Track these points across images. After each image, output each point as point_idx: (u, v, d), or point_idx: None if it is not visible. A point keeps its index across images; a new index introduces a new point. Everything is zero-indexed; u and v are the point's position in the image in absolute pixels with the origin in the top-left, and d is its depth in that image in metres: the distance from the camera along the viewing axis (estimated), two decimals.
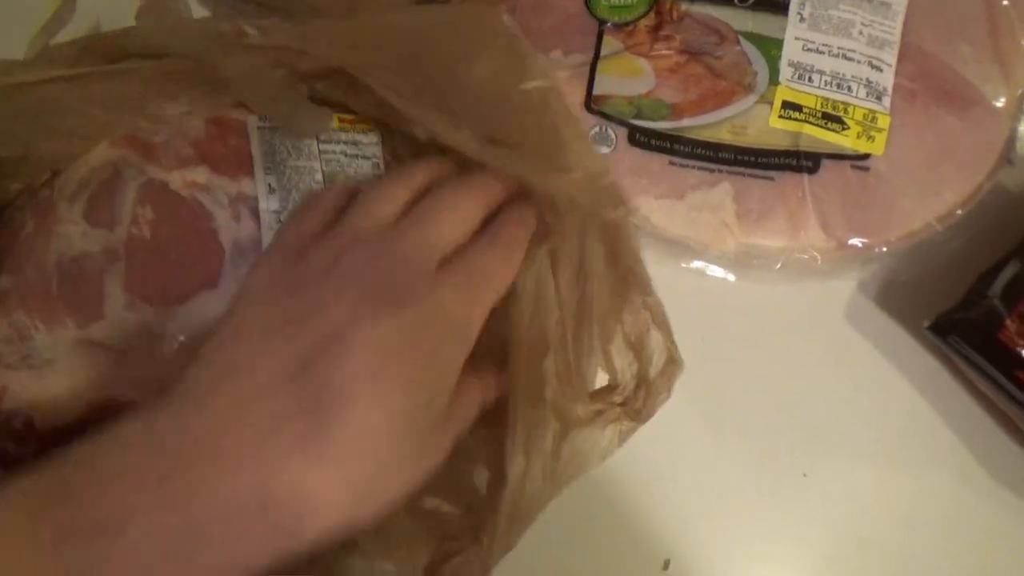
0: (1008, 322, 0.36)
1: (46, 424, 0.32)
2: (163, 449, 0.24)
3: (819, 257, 0.40)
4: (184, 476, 0.24)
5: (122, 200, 0.33)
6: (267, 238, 0.35)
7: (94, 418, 0.32)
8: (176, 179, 0.34)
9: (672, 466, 0.40)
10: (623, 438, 0.34)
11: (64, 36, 0.41)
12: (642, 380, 0.35)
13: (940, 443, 0.42)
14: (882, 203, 0.41)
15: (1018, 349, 0.35)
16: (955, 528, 0.41)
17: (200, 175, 0.34)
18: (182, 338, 0.33)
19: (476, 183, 0.32)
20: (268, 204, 0.35)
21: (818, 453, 0.41)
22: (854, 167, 0.41)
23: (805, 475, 0.41)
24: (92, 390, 0.32)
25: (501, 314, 0.32)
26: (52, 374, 0.32)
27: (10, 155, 0.34)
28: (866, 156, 0.41)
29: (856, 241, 0.40)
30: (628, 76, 0.42)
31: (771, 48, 0.42)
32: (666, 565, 0.40)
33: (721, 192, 0.41)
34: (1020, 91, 0.42)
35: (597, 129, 0.41)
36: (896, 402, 0.42)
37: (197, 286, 0.33)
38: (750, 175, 0.41)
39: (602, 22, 0.43)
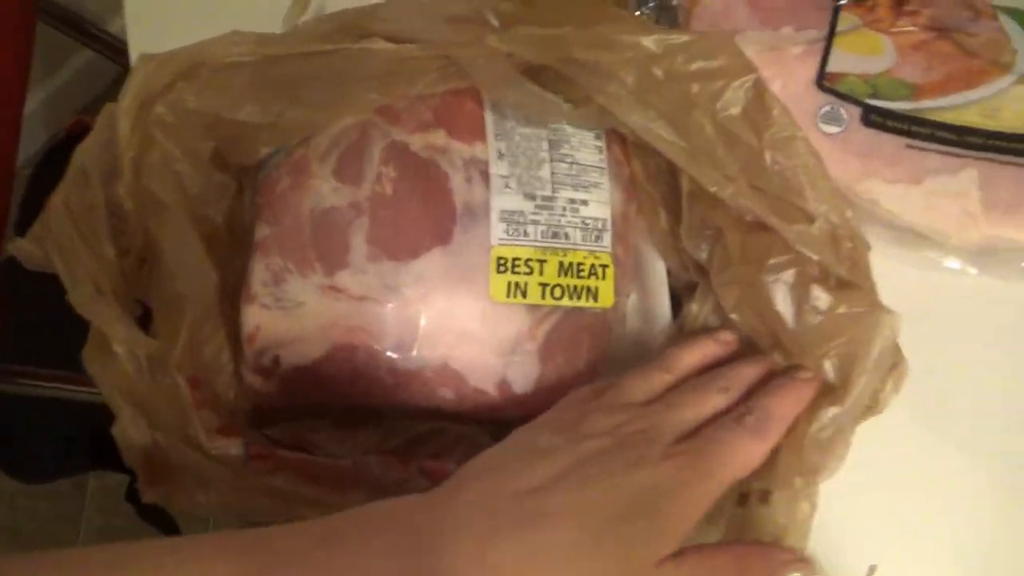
0: None
1: (289, 363, 0.35)
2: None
3: None
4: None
5: (368, 159, 0.36)
6: (495, 200, 0.36)
7: (332, 359, 0.35)
8: (417, 141, 0.36)
9: (895, 470, 0.38)
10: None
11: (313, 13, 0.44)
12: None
13: None
14: None
15: None
16: None
17: (439, 138, 0.36)
18: (414, 293, 0.34)
19: (730, 373, 0.33)
20: (498, 169, 0.36)
21: None
22: None
23: None
24: (334, 334, 0.35)
25: None
26: (300, 316, 0.35)
27: (264, 121, 0.37)
28: None
29: None
30: (866, 53, 0.40)
31: None
32: (871, 572, 0.38)
33: (966, 179, 0.38)
34: None
35: (828, 108, 0.39)
36: None
37: (430, 242, 0.35)
38: (1002, 162, 0.38)
39: None
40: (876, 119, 0.39)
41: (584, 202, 0.37)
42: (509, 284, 0.35)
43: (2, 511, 1.03)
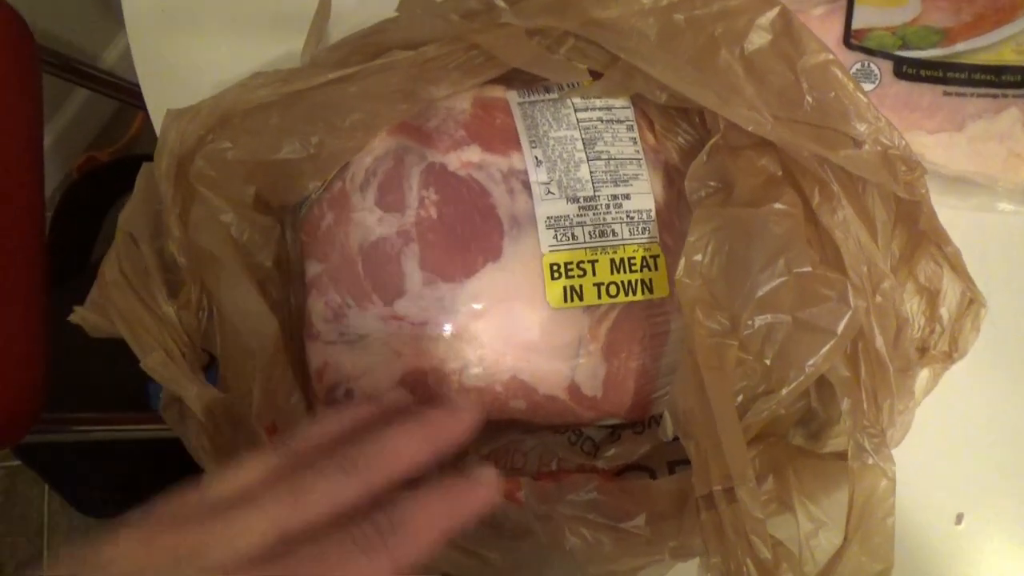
0: None
1: (363, 394, 0.36)
2: None
3: None
4: None
5: (408, 185, 0.36)
6: (540, 209, 0.36)
7: (403, 386, 0.35)
8: (453, 160, 0.36)
9: (967, 414, 0.38)
10: (936, 379, 0.32)
11: (332, 38, 0.44)
12: (937, 321, 0.33)
13: None
14: None
15: None
16: None
17: (474, 154, 0.36)
18: (476, 306, 0.35)
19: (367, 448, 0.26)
20: (537, 176, 0.36)
21: None
22: None
23: None
24: (401, 361, 0.35)
25: None
26: (365, 348, 0.35)
27: (303, 156, 0.37)
28: None
29: None
30: (890, 5, 0.39)
31: None
32: (959, 519, 0.38)
33: (1008, 119, 0.37)
34: None
35: (859, 65, 0.39)
36: None
37: (482, 260, 0.35)
38: None
39: None
40: (909, 70, 0.38)
41: (627, 196, 0.37)
42: (565, 289, 0.36)
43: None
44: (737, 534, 0.28)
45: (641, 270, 0.37)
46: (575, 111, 0.38)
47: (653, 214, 0.38)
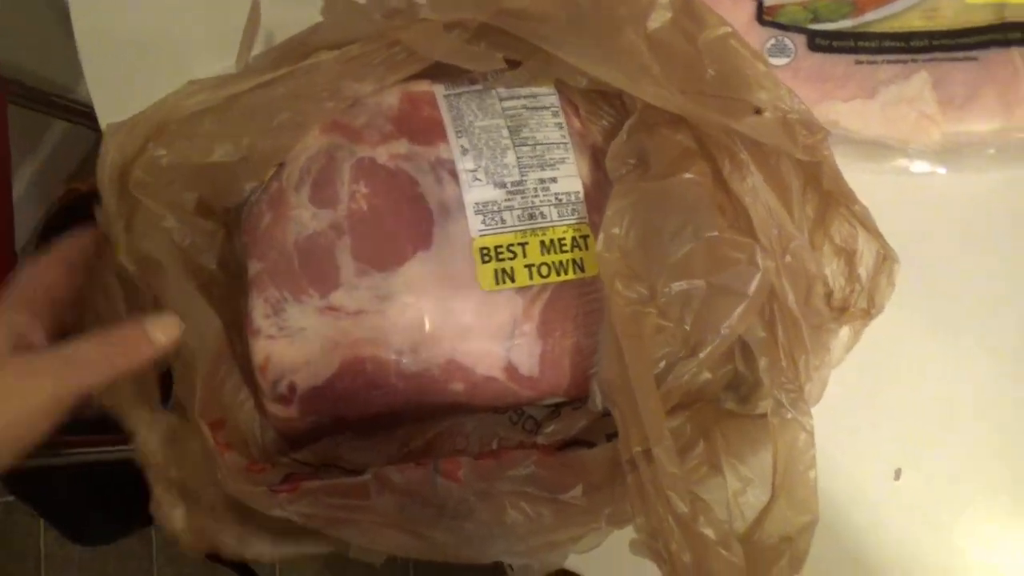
0: None
1: (305, 385, 0.37)
2: None
3: None
4: None
5: (340, 180, 0.37)
6: (468, 195, 0.37)
7: (344, 375, 0.36)
8: (382, 154, 0.37)
9: (899, 371, 0.39)
10: (857, 336, 0.33)
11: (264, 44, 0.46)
12: (856, 281, 0.34)
13: None
14: None
15: None
16: None
17: (402, 147, 0.37)
18: (409, 293, 0.36)
19: None
20: (464, 164, 0.38)
21: None
22: None
23: None
24: (340, 351, 0.36)
25: None
26: (305, 340, 0.36)
27: (236, 158, 0.38)
28: None
29: None
30: None
31: None
32: (897, 475, 0.39)
33: (918, 82, 0.38)
34: None
35: (773, 41, 0.40)
36: None
37: (413, 248, 0.36)
38: (949, 59, 0.38)
39: None
40: (821, 42, 0.40)
41: (554, 179, 0.38)
42: (496, 272, 0.37)
43: None
44: (657, 492, 0.29)
45: (572, 250, 0.38)
46: (500, 100, 0.39)
47: (581, 195, 0.39)
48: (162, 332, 0.34)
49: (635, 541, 0.30)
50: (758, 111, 0.32)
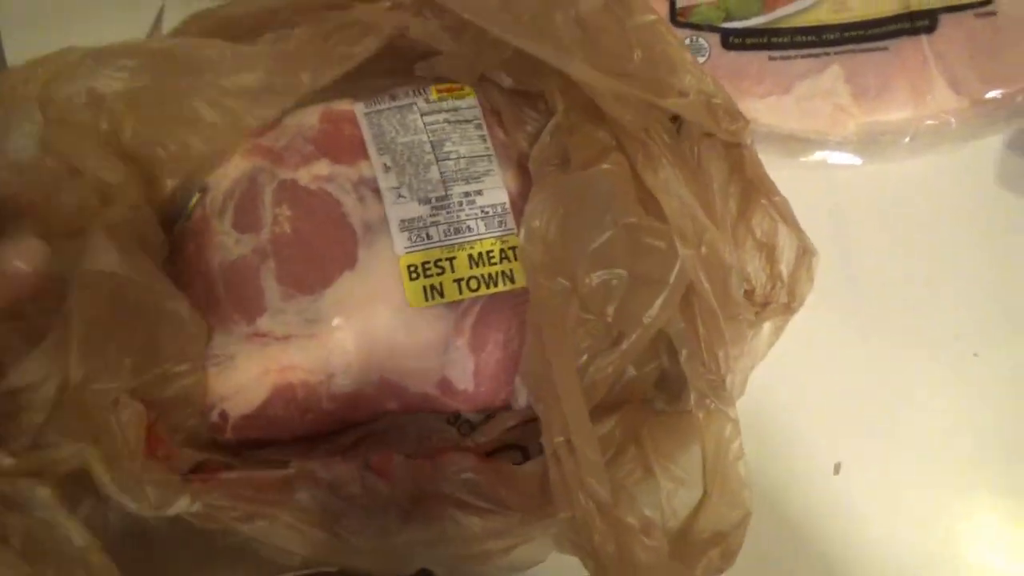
0: None
1: (237, 413, 0.36)
2: None
3: (953, 120, 0.38)
4: None
5: (262, 204, 0.37)
6: (391, 213, 0.37)
7: (275, 400, 0.36)
8: (303, 175, 0.37)
9: (828, 367, 0.39)
10: (779, 331, 0.33)
11: None
12: (777, 277, 0.35)
13: None
14: (1017, 46, 0.37)
15: None
16: None
17: (323, 168, 0.37)
18: (337, 314, 0.36)
19: None
20: (387, 182, 0.37)
21: (987, 332, 0.39)
22: (978, 15, 0.38)
23: (976, 355, 0.39)
24: (269, 377, 0.36)
25: None
26: (235, 368, 0.36)
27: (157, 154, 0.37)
28: (989, 0, 0.38)
29: (994, 94, 0.37)
30: None
31: None
32: (836, 469, 0.39)
33: (831, 75, 0.39)
34: None
35: (688, 41, 0.41)
36: None
37: (339, 269, 0.36)
38: (861, 50, 0.39)
39: None
40: (735, 40, 0.40)
41: (479, 192, 0.38)
42: (424, 288, 0.37)
43: None
44: (578, 482, 0.29)
45: (501, 262, 0.38)
46: (421, 115, 0.39)
47: (508, 206, 0.39)
48: (23, 260, 0.29)
49: (558, 536, 0.30)
50: (683, 94, 0.33)
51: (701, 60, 0.40)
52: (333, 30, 0.38)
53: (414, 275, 0.37)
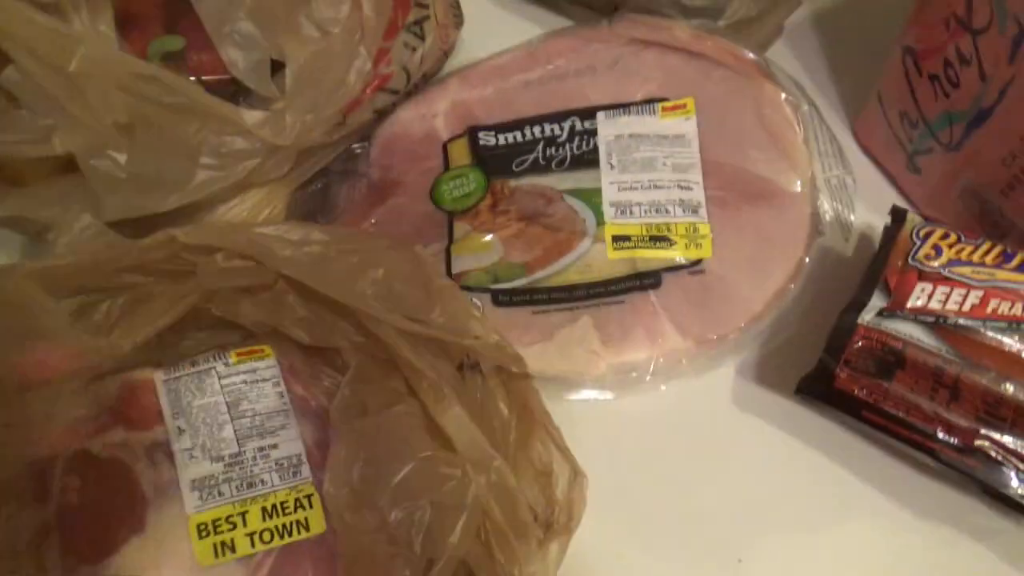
0: (838, 371, 0.40)
1: None
2: None
3: (683, 358, 0.45)
4: None
5: (51, 476, 0.38)
6: (183, 473, 0.39)
7: None
8: (96, 444, 0.39)
9: None
10: (564, 550, 0.37)
11: None
12: (554, 501, 0.39)
13: (853, 493, 0.44)
14: (723, 297, 0.46)
15: (854, 393, 0.39)
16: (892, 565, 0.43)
17: (117, 435, 0.39)
18: None
19: None
20: (180, 444, 0.39)
21: (747, 535, 0.44)
22: (691, 273, 0.47)
23: (740, 560, 0.43)
24: None
25: None
26: None
27: None
28: (698, 262, 0.47)
29: (710, 335, 0.45)
30: (480, 251, 0.48)
31: (592, 197, 0.49)
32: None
33: (583, 325, 0.46)
34: (809, 174, 0.49)
35: None
36: (802, 468, 0.45)
37: (126, 534, 0.37)
38: (604, 304, 0.46)
39: (450, 213, 0.50)
40: (503, 299, 0.47)
41: (274, 446, 0.41)
42: (215, 545, 0.38)
43: None
44: None
45: (295, 511, 0.40)
46: (219, 378, 0.42)
47: (304, 457, 0.41)
48: None
49: None
50: (477, 337, 0.39)
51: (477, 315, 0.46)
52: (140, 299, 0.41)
53: (203, 533, 0.38)
